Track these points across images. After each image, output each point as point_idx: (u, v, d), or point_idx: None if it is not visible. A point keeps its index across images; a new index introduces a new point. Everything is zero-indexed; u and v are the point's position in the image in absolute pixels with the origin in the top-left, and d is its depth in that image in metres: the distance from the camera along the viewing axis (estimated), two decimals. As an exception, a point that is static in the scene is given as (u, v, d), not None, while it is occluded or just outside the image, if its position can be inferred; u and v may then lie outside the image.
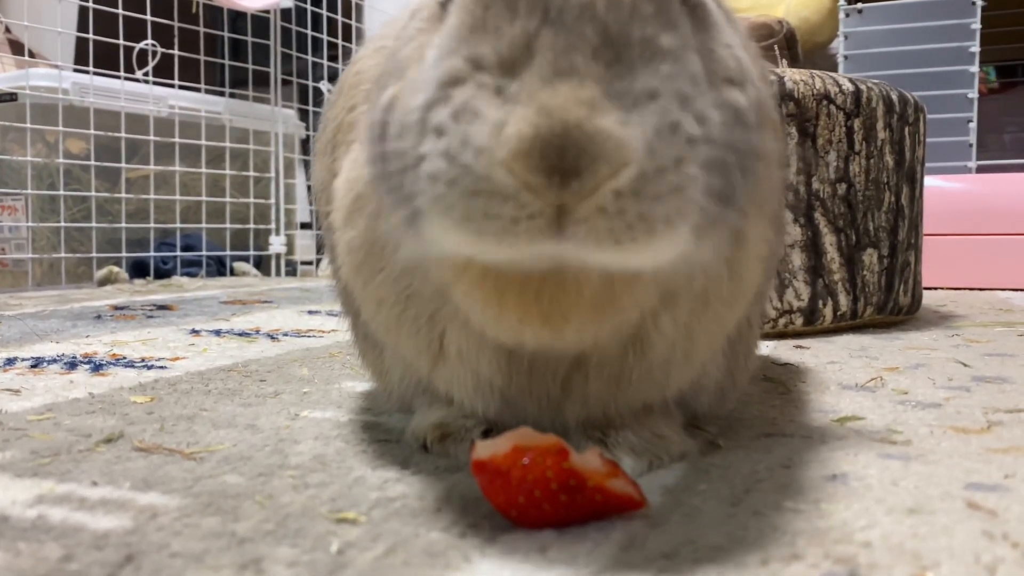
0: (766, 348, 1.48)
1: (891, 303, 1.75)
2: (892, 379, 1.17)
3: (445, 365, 0.73)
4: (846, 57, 3.13)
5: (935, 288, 2.72)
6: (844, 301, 1.67)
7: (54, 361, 1.30)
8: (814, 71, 1.66)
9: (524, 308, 0.58)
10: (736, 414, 0.94)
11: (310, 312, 2.05)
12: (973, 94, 2.97)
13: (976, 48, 2.96)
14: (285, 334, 1.65)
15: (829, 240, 1.65)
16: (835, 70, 3.16)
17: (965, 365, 1.28)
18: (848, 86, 1.65)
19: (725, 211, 0.54)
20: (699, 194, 0.51)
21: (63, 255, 2.92)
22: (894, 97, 1.73)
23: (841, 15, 3.15)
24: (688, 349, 0.71)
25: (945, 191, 2.84)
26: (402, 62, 0.61)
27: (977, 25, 2.96)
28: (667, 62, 0.51)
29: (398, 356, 0.81)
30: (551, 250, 0.51)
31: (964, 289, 2.74)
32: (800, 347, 1.49)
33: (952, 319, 1.92)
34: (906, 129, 1.76)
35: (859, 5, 3.14)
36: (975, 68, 2.97)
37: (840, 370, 1.25)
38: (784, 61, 2.08)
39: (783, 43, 2.15)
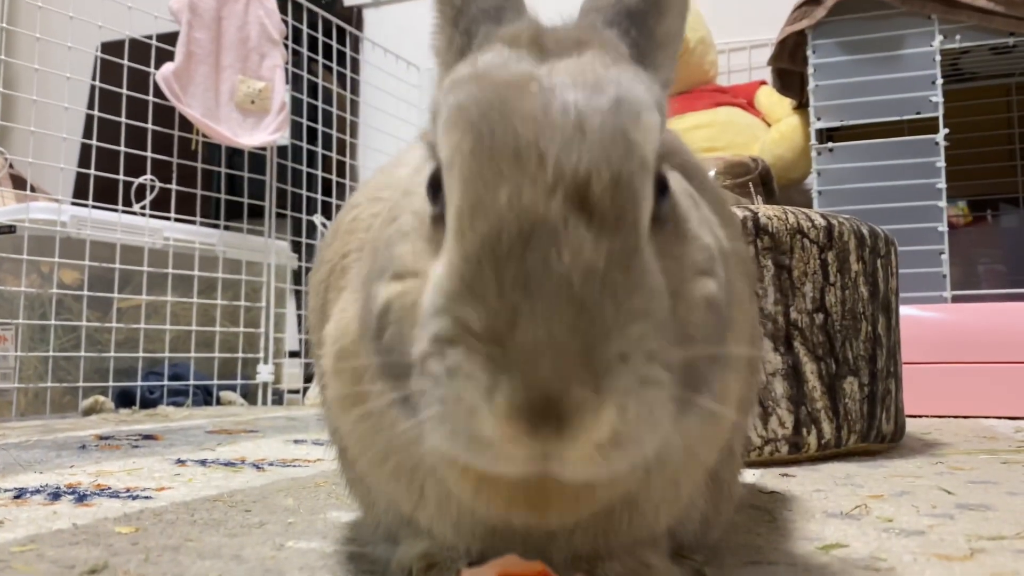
0: (752, 476, 1.48)
1: (874, 431, 1.77)
2: (876, 507, 1.17)
3: (426, 510, 0.75)
4: (820, 192, 3.26)
5: (920, 416, 2.74)
6: (828, 429, 1.68)
7: (37, 492, 1.29)
8: (787, 207, 1.74)
9: (510, 500, 0.61)
10: (722, 542, 0.94)
11: (296, 441, 2.04)
12: (942, 227, 3.08)
13: (942, 184, 3.09)
14: (271, 464, 1.64)
15: (810, 368, 1.69)
16: (811, 205, 3.29)
17: (949, 492, 1.29)
18: (820, 221, 1.73)
19: (698, 396, 0.60)
20: (671, 405, 0.57)
21: (49, 384, 2.91)
22: (865, 231, 1.81)
23: (813, 153, 3.30)
24: (675, 494, 0.75)
25: (924, 320, 2.90)
26: (396, 262, 0.65)
27: (941, 163, 3.10)
28: (636, 322, 0.56)
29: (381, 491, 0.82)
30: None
31: (949, 417, 2.76)
32: (786, 475, 1.50)
33: (936, 447, 1.93)
34: (878, 261, 1.83)
35: (830, 144, 3.29)
36: (943, 203, 3.09)
37: (825, 498, 1.26)
38: (759, 197, 2.18)
39: (758, 180, 2.26)
